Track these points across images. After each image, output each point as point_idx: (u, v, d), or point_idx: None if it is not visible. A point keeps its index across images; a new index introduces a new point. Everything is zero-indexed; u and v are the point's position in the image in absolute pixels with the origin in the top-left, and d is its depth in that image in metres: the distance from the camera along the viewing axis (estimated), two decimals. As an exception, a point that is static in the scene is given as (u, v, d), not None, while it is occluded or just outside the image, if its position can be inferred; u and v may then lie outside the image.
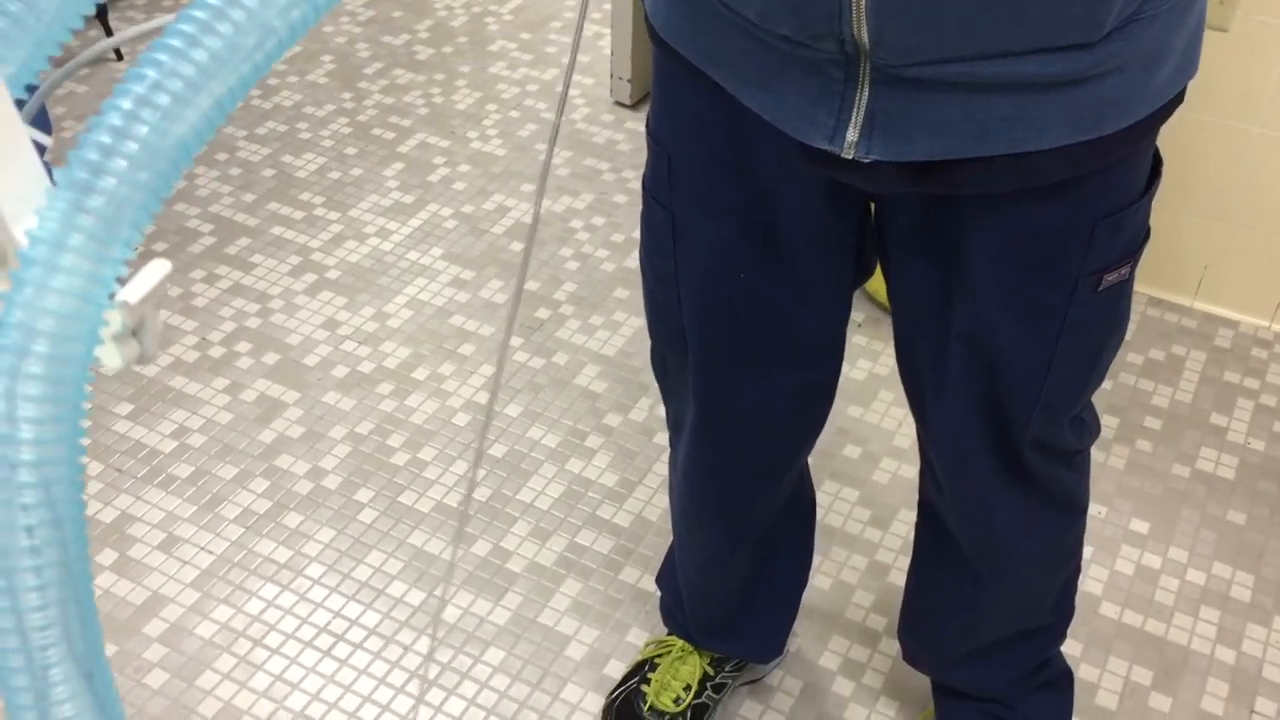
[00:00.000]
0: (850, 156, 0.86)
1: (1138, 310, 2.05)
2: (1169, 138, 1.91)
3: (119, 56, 2.59)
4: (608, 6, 2.82)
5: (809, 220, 1.01)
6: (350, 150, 2.41)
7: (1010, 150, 0.85)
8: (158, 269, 0.45)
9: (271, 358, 1.97)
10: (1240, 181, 1.91)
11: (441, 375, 1.94)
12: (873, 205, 1.03)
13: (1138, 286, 2.06)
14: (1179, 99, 0.91)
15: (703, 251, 1.06)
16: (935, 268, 0.99)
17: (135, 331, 0.45)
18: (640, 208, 1.11)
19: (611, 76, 2.53)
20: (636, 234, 2.20)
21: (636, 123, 2.49)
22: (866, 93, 0.83)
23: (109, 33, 2.60)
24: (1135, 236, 0.98)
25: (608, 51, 2.65)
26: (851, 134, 0.85)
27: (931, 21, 0.77)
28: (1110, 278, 0.97)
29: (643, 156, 1.08)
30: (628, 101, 2.54)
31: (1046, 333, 0.99)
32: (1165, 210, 1.96)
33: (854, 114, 0.84)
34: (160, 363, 1.95)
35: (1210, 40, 1.82)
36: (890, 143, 0.85)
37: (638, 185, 2.30)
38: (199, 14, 0.40)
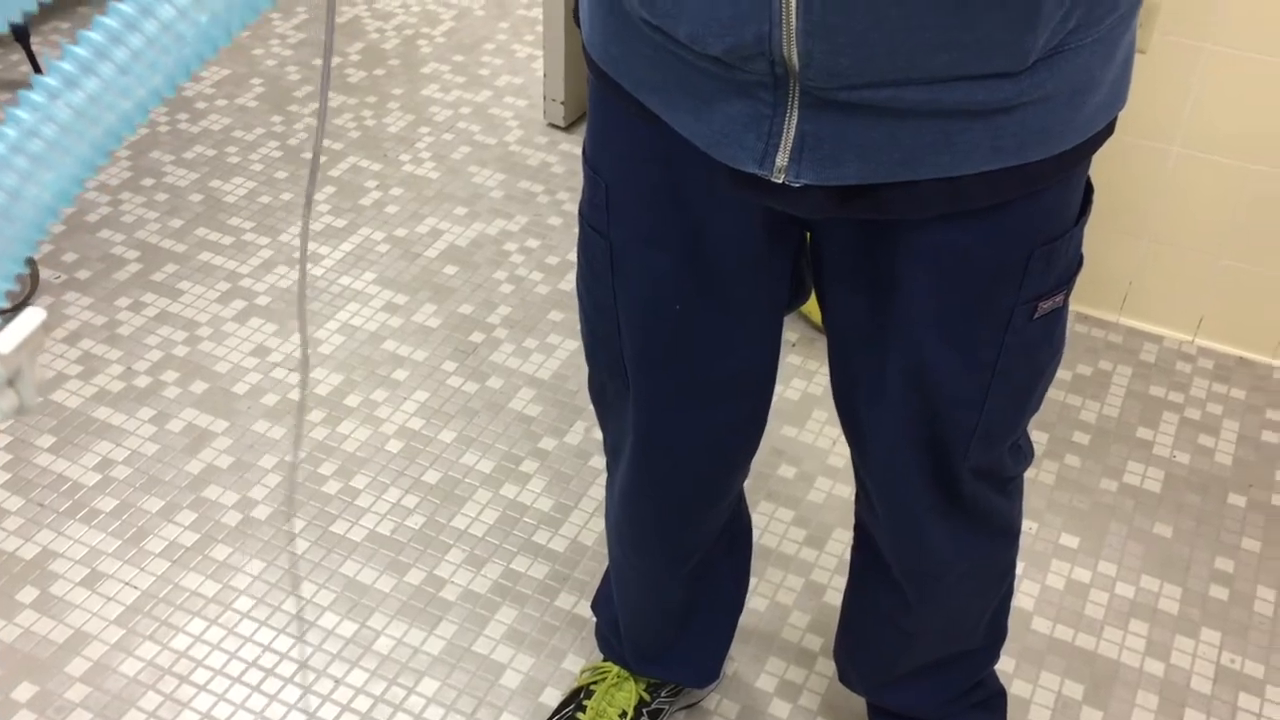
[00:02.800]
0: (780, 181, 0.86)
1: (1065, 327, 2.08)
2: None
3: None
4: (540, 29, 2.82)
5: (745, 249, 1.01)
6: (280, 174, 2.38)
7: (935, 175, 0.86)
8: (32, 317, 0.43)
9: (199, 386, 1.94)
10: (1161, 199, 1.95)
11: (374, 402, 1.92)
12: (808, 233, 1.04)
13: (1065, 303, 2.09)
14: (1109, 130, 0.92)
15: (641, 282, 1.06)
16: (870, 296, 0.99)
17: (12, 381, 0.44)
18: (575, 231, 1.10)
19: (545, 98, 2.53)
20: (571, 256, 2.19)
21: (571, 145, 2.49)
22: (796, 116, 0.84)
23: (31, 57, 2.56)
24: (1069, 265, 0.99)
25: (540, 74, 2.64)
26: (781, 158, 0.85)
27: (860, 45, 0.78)
28: (1045, 306, 0.98)
29: (577, 180, 1.07)
30: (561, 124, 2.53)
31: (983, 361, 0.99)
32: (1090, 227, 1.99)
33: (783, 138, 0.85)
34: (84, 393, 1.91)
35: (1129, 62, 1.86)
36: (819, 167, 0.85)
37: (572, 208, 2.30)
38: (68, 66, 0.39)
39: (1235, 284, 1.97)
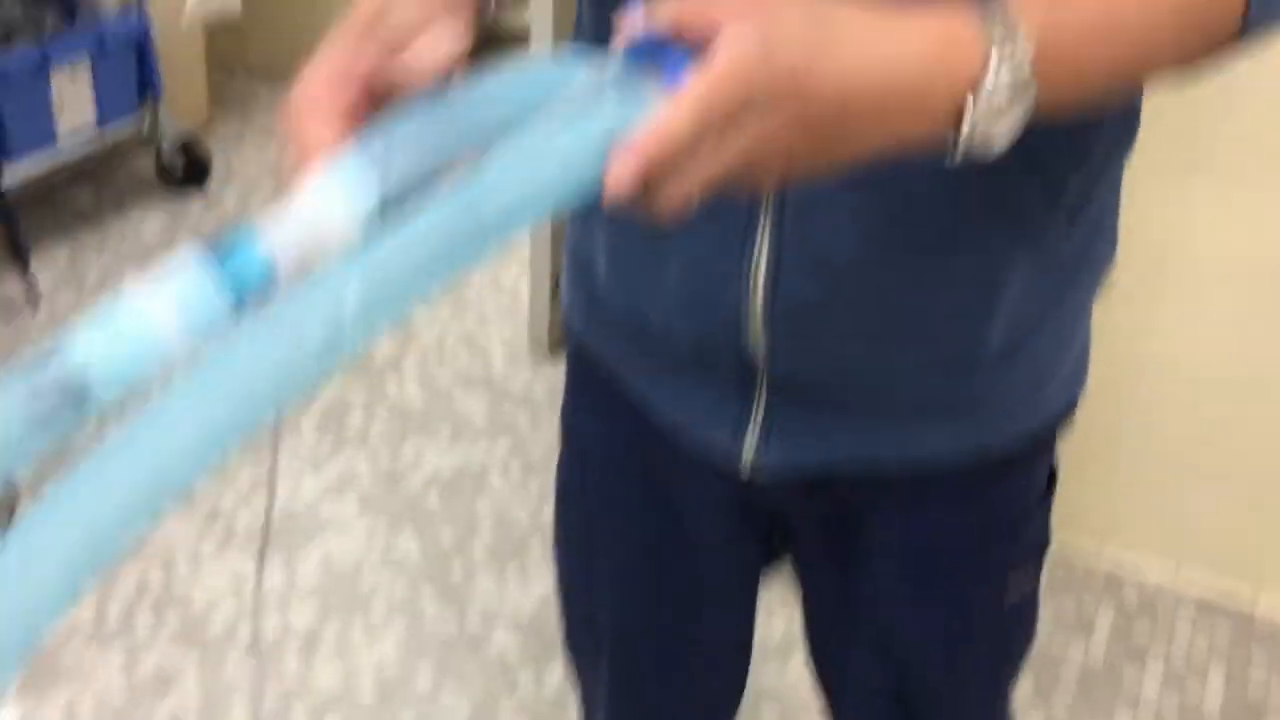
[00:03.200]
0: (747, 465, 0.88)
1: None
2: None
3: (34, 303, 2.59)
4: (526, 253, 2.90)
5: (719, 526, 1.02)
6: (267, 399, 2.40)
7: (898, 463, 0.87)
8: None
9: (173, 621, 1.90)
10: (1138, 435, 1.98)
11: (350, 640, 1.89)
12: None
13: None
14: (1069, 411, 0.95)
15: (615, 551, 1.06)
16: (839, 575, 1.00)
17: None
18: (555, 459, 1.11)
19: (531, 324, 2.58)
20: (553, 485, 2.20)
21: (555, 371, 2.53)
22: (763, 404, 0.86)
23: (29, 284, 2.61)
24: (1037, 543, 1.00)
25: (526, 298, 2.71)
26: (748, 447, 0.87)
27: (825, 337, 0.81)
28: (1015, 584, 0.98)
29: (559, 406, 1.09)
30: (547, 350, 2.58)
31: (954, 640, 0.99)
32: (1070, 457, 2.01)
33: (750, 425, 0.87)
34: (56, 629, 1.87)
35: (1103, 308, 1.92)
36: (784, 455, 0.87)
37: (554, 436, 2.31)
38: None
39: (1213, 515, 1.99)
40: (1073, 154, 0.80)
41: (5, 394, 0.41)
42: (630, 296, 0.87)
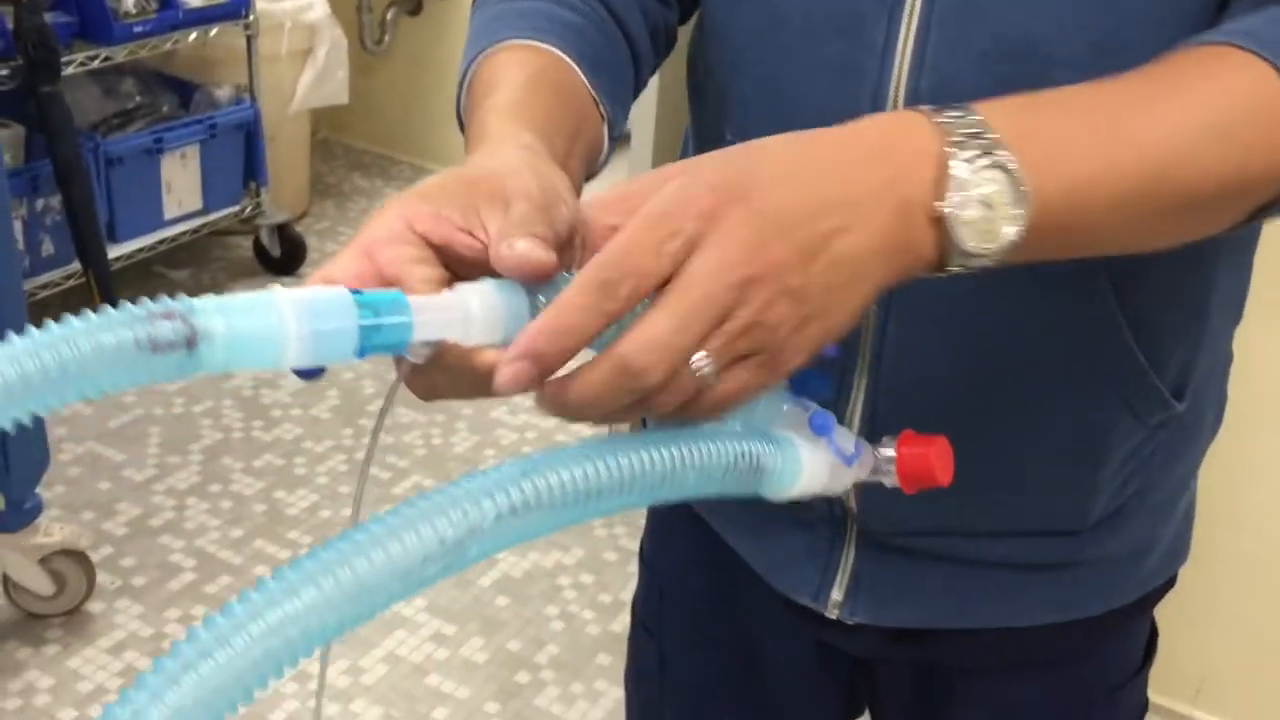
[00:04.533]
0: (834, 616, 0.85)
1: (1135, 715, 1.99)
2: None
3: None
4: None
5: (796, 671, 0.99)
6: (344, 489, 2.41)
7: (992, 624, 0.84)
8: None
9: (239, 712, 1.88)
10: (1233, 593, 1.90)
11: (411, 743, 1.86)
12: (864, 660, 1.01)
13: (1134, 689, 2.01)
14: (1170, 583, 0.91)
15: (689, 687, 1.03)
16: None
17: None
18: (630, 568, 1.09)
19: (610, 431, 2.57)
20: (625, 595, 2.16)
21: (631, 477, 2.51)
22: (853, 555, 0.84)
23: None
24: (1132, 713, 0.95)
25: (607, 403, 2.70)
26: (837, 594, 0.85)
27: (919, 496, 0.78)
28: None
29: (635, 514, 1.06)
30: (624, 455, 2.56)
31: None
32: (1164, 611, 1.93)
33: (839, 574, 0.84)
34: (119, 710, 1.87)
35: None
36: (874, 606, 0.84)
37: (629, 543, 2.29)
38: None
39: (1315, 686, 1.89)
40: (1175, 329, 0.76)
41: (126, 308, 0.42)
42: None
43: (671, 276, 0.48)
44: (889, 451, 0.60)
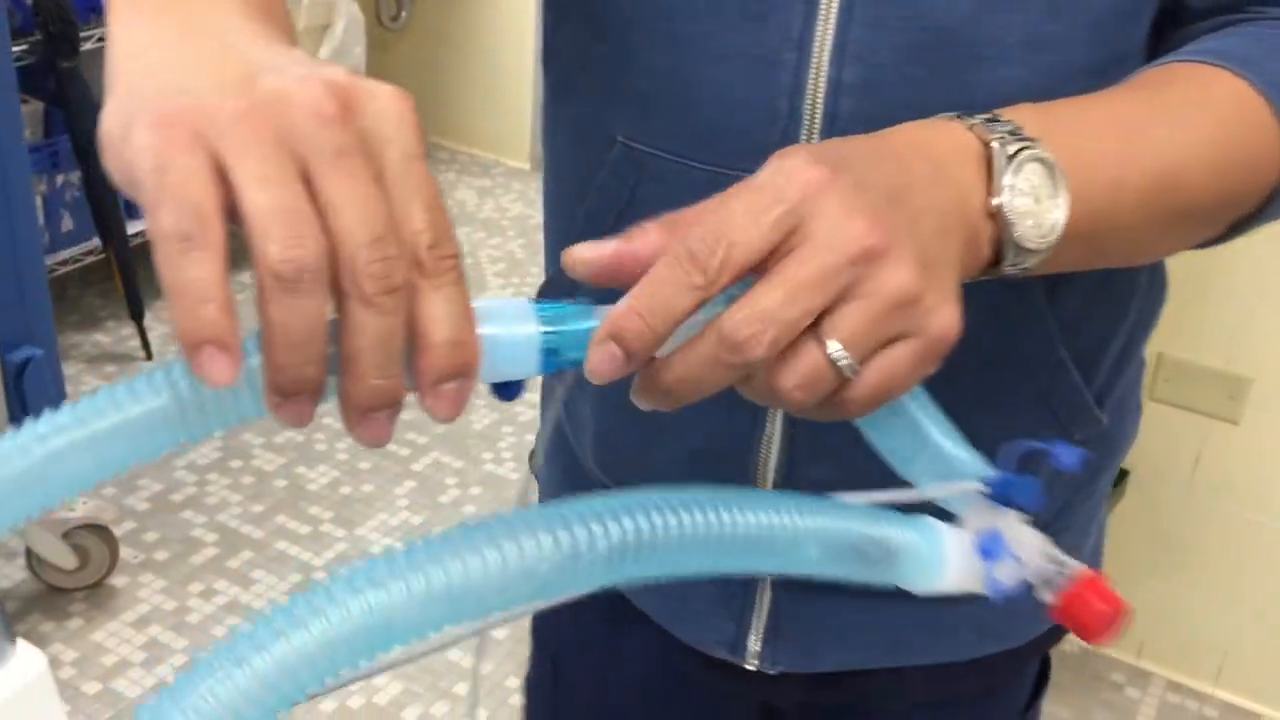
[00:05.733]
0: (754, 668, 0.77)
1: (1156, 695, 1.99)
2: (1184, 519, 1.91)
3: (148, 355, 2.65)
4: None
5: None
6: (364, 465, 2.42)
7: (925, 661, 0.79)
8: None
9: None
10: (1256, 571, 1.89)
11: (433, 716, 1.87)
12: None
13: (1158, 669, 2.01)
14: None
15: None
16: None
17: None
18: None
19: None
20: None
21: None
22: (769, 597, 0.76)
23: (143, 335, 2.67)
24: None
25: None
26: (755, 642, 0.77)
27: None
28: None
29: None
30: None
31: None
32: (1186, 592, 1.93)
33: (756, 620, 0.77)
34: (144, 683, 1.88)
35: (1222, 433, 1.85)
36: (798, 652, 0.77)
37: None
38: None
39: (1338, 665, 1.88)
40: (1107, 322, 0.72)
41: None
42: (619, 480, 0.77)
43: (776, 250, 0.44)
44: (1048, 597, 0.50)
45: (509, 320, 0.42)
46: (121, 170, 0.40)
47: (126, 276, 2.56)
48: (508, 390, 0.44)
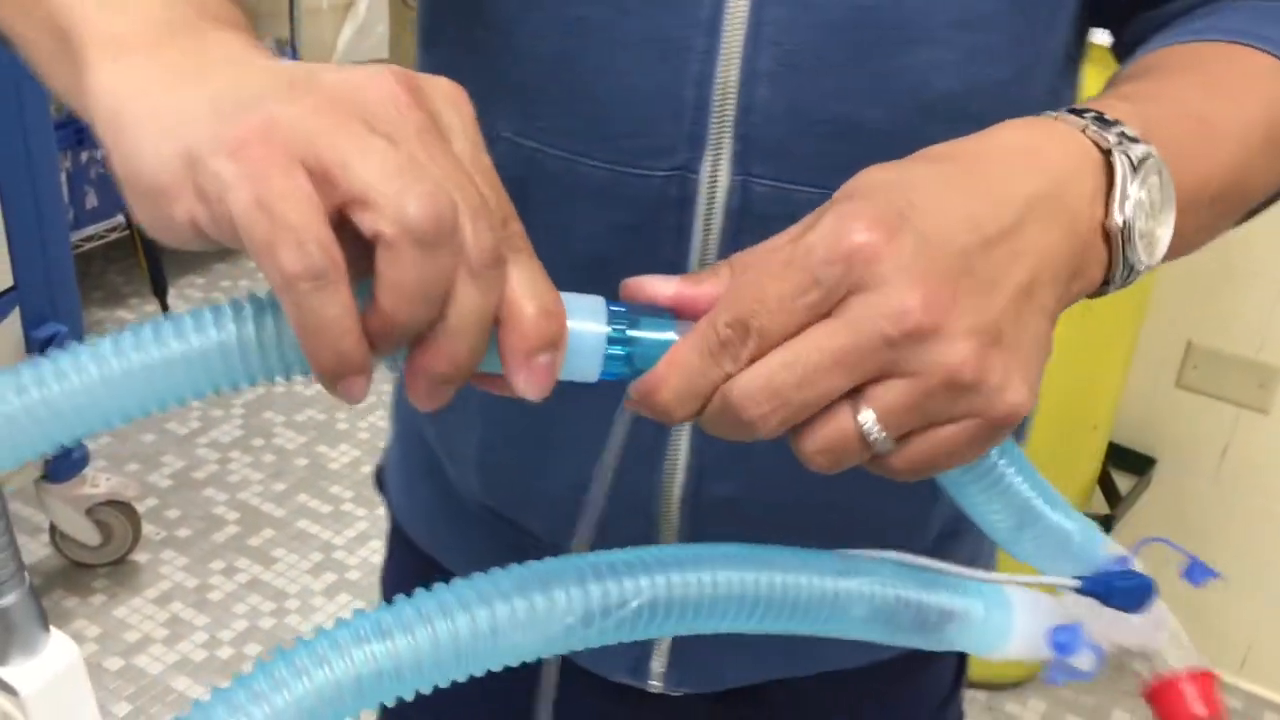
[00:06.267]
0: (657, 690, 0.74)
1: (1179, 683, 1.97)
2: (1210, 509, 1.89)
3: (171, 332, 2.65)
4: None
5: None
6: (384, 444, 2.42)
7: (837, 668, 0.76)
8: None
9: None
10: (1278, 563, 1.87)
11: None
12: None
13: (1179, 657, 1.99)
14: None
15: None
16: None
17: None
18: None
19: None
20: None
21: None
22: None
23: (165, 312, 2.67)
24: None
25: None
26: (658, 663, 0.73)
27: (745, 529, 0.62)
28: None
29: None
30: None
31: None
32: (1207, 586, 1.91)
33: (657, 641, 0.73)
34: (166, 660, 1.89)
35: (1251, 422, 1.83)
36: (703, 671, 0.73)
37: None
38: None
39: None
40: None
41: None
42: (504, 503, 0.71)
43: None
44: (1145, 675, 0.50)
45: (581, 315, 0.40)
46: (188, 214, 0.36)
47: (150, 254, 2.57)
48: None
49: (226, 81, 0.38)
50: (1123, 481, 1.88)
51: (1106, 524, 1.78)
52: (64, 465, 1.94)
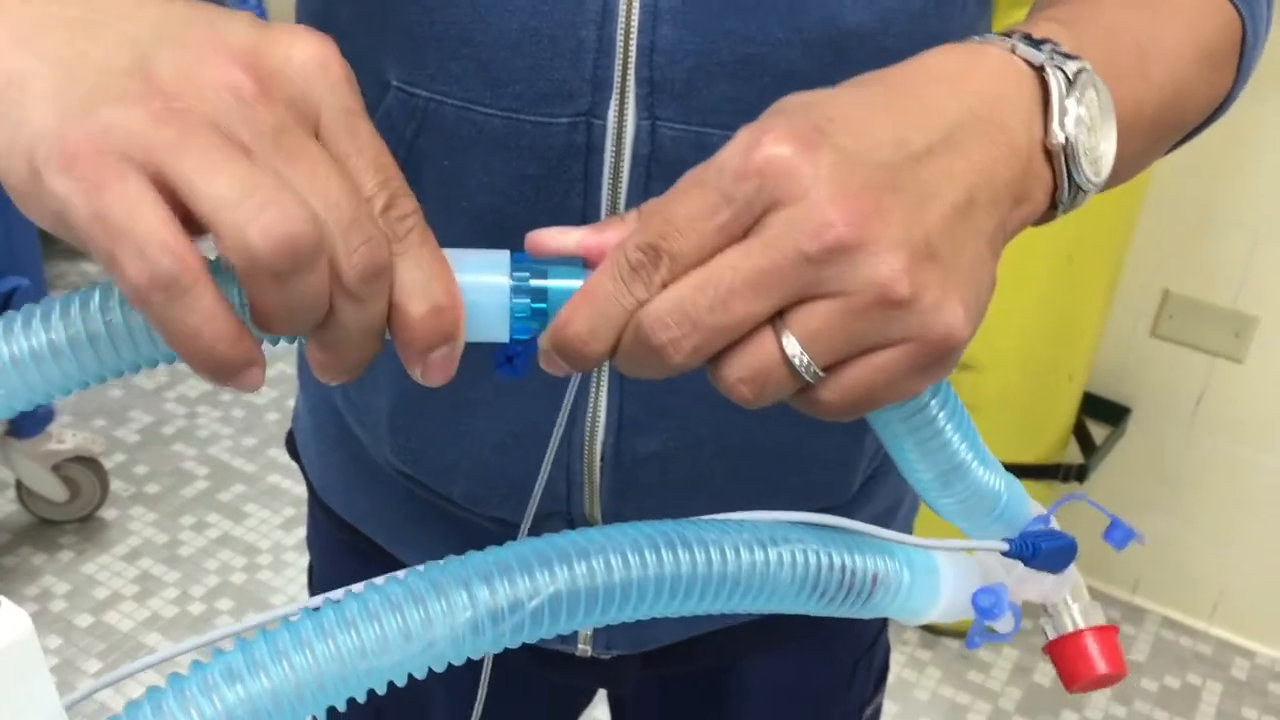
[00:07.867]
0: (588, 654, 0.72)
1: (1151, 631, 1.99)
2: (1184, 456, 1.89)
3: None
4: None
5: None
6: (357, 398, 2.40)
7: (746, 618, 0.74)
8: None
9: (252, 619, 1.89)
10: (1254, 511, 1.89)
11: (428, 650, 1.86)
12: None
13: (1153, 605, 2.01)
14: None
15: None
16: None
17: None
18: None
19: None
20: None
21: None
22: None
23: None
24: (884, 664, 0.90)
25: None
26: (584, 633, 0.72)
27: (677, 500, 0.66)
28: (869, 712, 0.89)
29: None
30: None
31: None
32: (1178, 529, 1.93)
33: None
34: (137, 616, 1.87)
35: (1225, 371, 1.84)
36: (632, 631, 0.72)
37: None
38: None
39: (1333, 603, 1.89)
40: None
41: None
42: (422, 470, 0.68)
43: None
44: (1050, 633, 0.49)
45: (483, 271, 0.38)
46: (47, 219, 0.34)
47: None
48: (511, 367, 0.40)
49: (65, 49, 0.35)
50: (1098, 431, 1.89)
51: (1081, 473, 1.78)
52: (29, 421, 1.91)
